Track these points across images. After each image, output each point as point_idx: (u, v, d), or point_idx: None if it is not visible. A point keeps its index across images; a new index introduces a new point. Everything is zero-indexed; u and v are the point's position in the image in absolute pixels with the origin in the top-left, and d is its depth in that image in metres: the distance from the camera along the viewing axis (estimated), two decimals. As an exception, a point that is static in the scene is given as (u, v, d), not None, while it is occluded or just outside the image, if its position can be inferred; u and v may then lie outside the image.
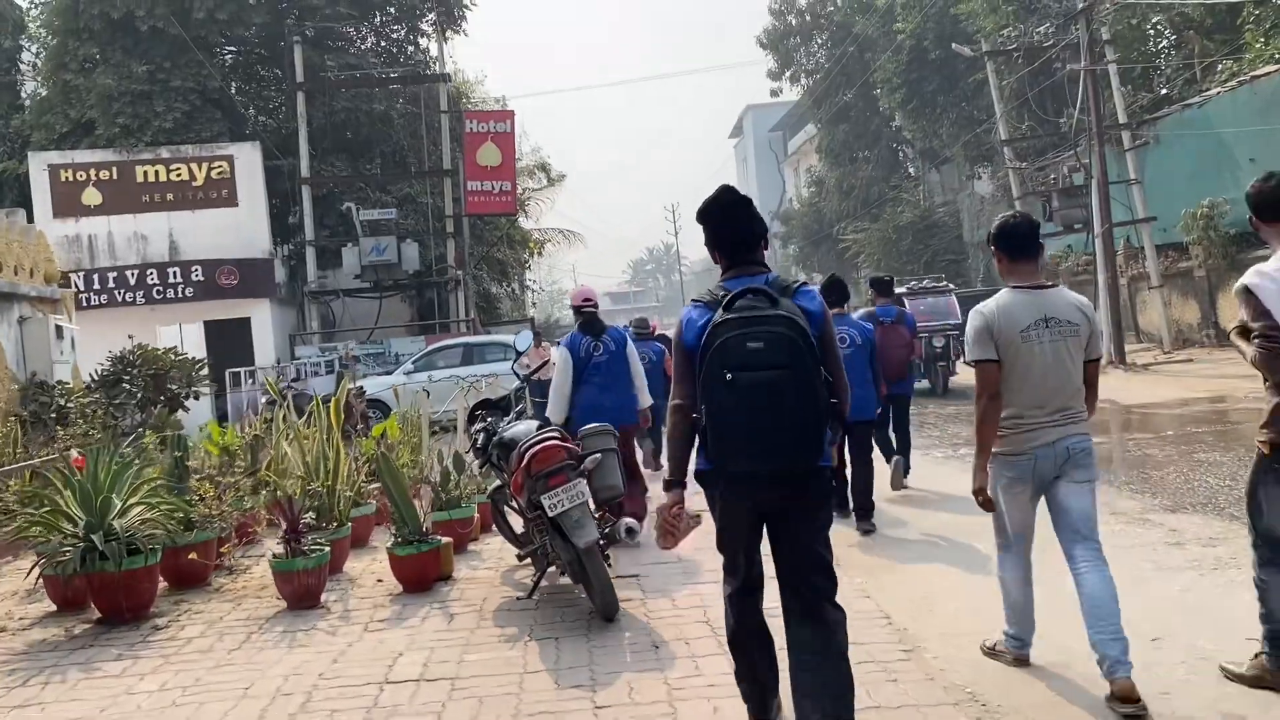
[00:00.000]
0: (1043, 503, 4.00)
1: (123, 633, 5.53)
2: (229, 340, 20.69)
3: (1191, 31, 21.95)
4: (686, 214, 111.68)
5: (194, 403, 13.88)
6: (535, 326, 21.40)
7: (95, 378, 11.62)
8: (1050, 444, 3.81)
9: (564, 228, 32.83)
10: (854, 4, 38.32)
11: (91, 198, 21.88)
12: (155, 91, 22.50)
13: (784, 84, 44.31)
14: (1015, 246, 3.92)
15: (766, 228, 3.47)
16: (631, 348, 7.22)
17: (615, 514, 5.66)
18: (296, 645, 5.12)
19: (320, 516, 6.69)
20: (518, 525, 6.33)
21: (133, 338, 12.14)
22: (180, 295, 21.20)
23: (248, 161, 22.45)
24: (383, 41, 27.46)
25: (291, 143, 23.53)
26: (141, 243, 22.05)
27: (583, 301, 7.24)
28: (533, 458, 5.06)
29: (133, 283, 21.19)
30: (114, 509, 5.76)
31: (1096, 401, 4.02)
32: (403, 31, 27.39)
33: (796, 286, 3.31)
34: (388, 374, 18.72)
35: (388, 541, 6.29)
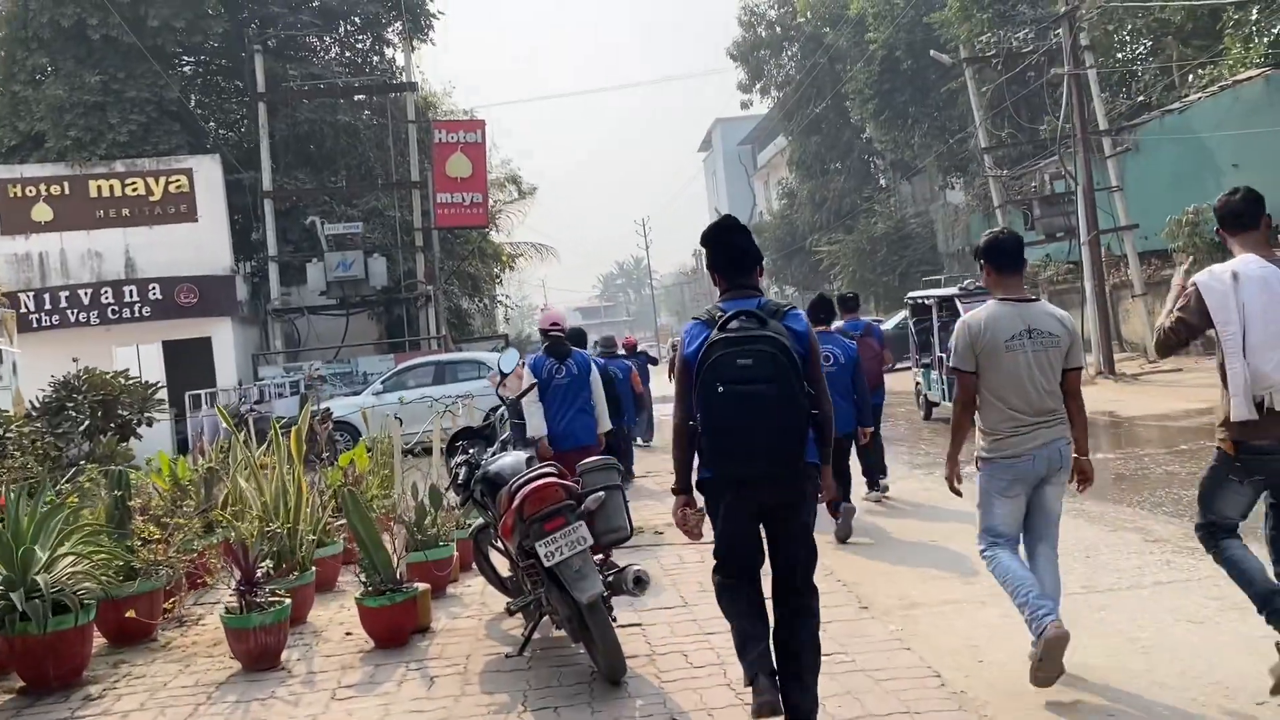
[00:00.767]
0: None
1: (49, 705, 4.79)
2: (189, 361, 19.80)
3: (1170, 37, 21.73)
4: (657, 228, 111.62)
5: (151, 429, 13.08)
6: (513, 343, 20.69)
7: (36, 405, 10.77)
8: (1044, 445, 4.06)
9: (536, 241, 32.14)
10: (824, 15, 38.02)
11: (42, 213, 20.82)
12: (109, 103, 21.55)
13: (754, 96, 44.03)
14: (1003, 262, 4.20)
15: (762, 255, 3.85)
16: (595, 374, 7.38)
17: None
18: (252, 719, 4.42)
19: (280, 561, 5.96)
20: (503, 567, 5.66)
21: (77, 360, 11.26)
22: (137, 315, 20.23)
23: (207, 175, 21.56)
24: (347, 52, 26.68)
25: (253, 156, 22.66)
26: (96, 260, 21.08)
27: (550, 325, 7.44)
28: (525, 499, 4.38)
29: (86, 302, 20.20)
30: (38, 562, 5.00)
31: (1083, 409, 4.21)
32: (368, 42, 26.65)
33: (786, 310, 3.71)
34: (356, 394, 17.93)
35: (357, 589, 5.59)
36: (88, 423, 10.55)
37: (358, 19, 25.84)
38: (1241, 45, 19.96)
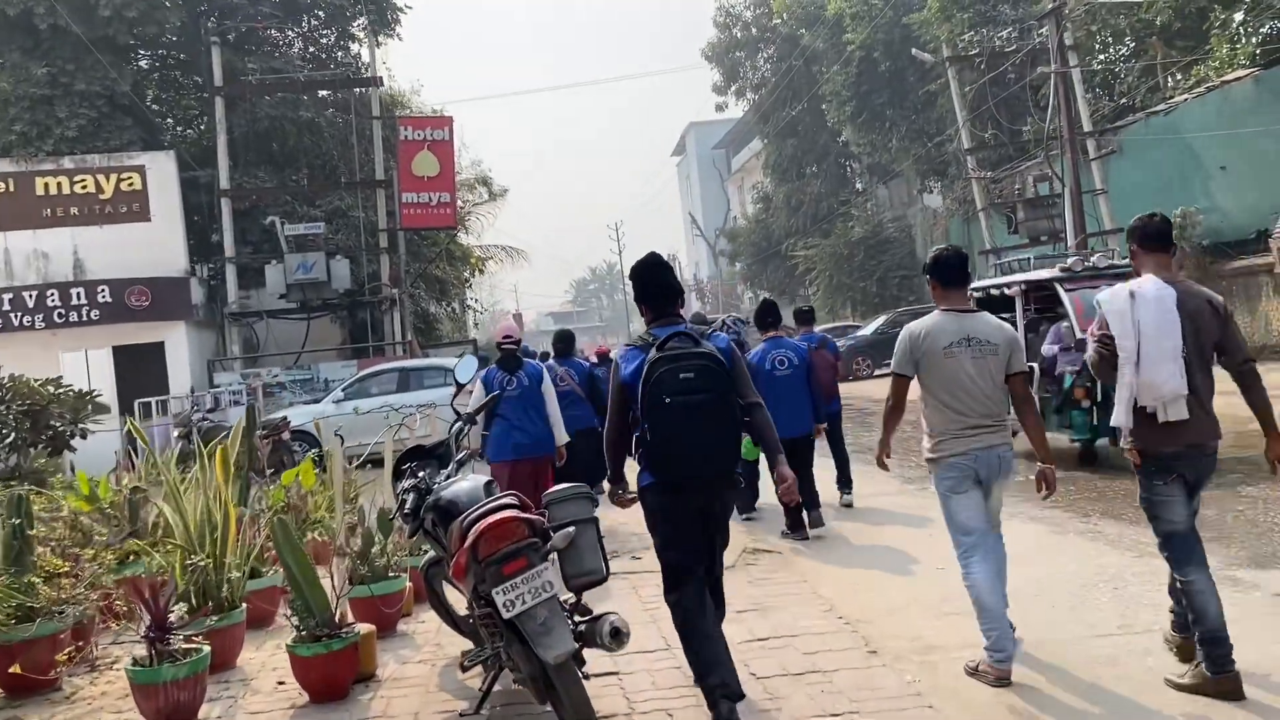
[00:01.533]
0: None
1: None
2: (141, 367, 18.92)
3: (1155, 38, 21.34)
4: (630, 233, 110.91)
5: (96, 441, 12.22)
6: (483, 349, 19.87)
7: (-44, 416, 9.91)
8: (986, 448, 4.35)
9: (507, 245, 31.31)
10: (801, 16, 37.51)
11: (-16, 212, 19.91)
12: (57, 96, 20.58)
13: (730, 99, 43.51)
14: (947, 277, 4.51)
15: (683, 289, 4.31)
16: (547, 383, 7.33)
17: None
18: (149, 804, 3.66)
19: (205, 598, 5.20)
20: (460, 605, 4.92)
21: (1, 366, 10.39)
22: (85, 318, 19.29)
23: (161, 172, 20.65)
24: (311, 47, 25.78)
25: (211, 154, 21.73)
26: (42, 261, 20.13)
27: (503, 338, 7.40)
28: (480, 536, 3.65)
29: (31, 305, 19.22)
30: (-100, 609, 4.22)
31: (1036, 414, 4.55)
32: (332, 36, 25.77)
33: (709, 333, 4.28)
34: (316, 402, 17.08)
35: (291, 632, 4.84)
36: (14, 435, 9.71)
37: (322, 13, 25.01)
38: (1228, 46, 19.59)
